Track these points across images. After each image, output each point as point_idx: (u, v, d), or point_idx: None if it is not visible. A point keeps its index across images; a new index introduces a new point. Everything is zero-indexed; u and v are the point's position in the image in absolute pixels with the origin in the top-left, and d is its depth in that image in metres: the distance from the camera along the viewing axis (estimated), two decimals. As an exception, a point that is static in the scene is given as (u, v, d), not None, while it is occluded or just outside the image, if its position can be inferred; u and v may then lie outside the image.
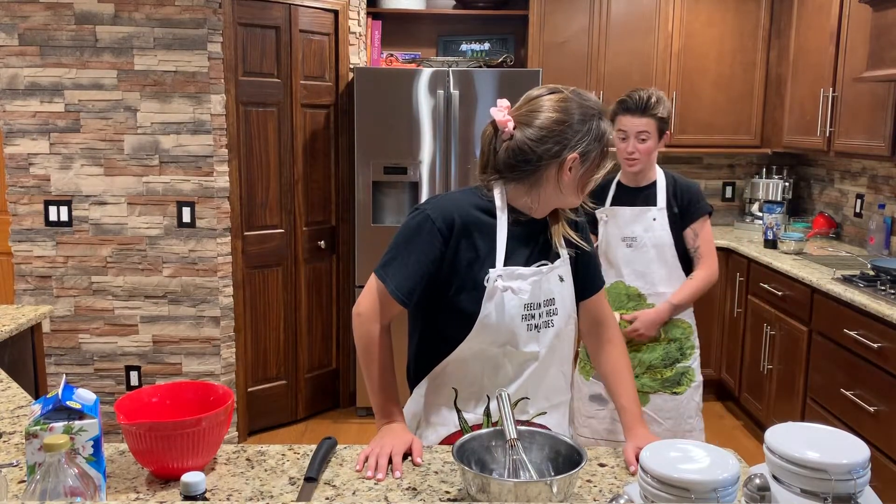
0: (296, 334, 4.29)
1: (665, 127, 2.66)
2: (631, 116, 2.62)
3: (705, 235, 2.69)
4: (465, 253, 1.60)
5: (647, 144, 2.63)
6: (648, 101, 2.61)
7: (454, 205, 1.62)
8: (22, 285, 3.82)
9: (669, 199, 2.69)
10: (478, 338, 1.60)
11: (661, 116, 2.62)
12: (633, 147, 2.63)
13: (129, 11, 3.64)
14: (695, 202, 2.68)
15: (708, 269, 2.67)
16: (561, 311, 1.66)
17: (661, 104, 2.63)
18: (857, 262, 3.74)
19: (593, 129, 1.57)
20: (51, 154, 3.73)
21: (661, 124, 2.64)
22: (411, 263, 1.59)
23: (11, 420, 1.78)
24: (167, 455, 1.42)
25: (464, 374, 1.66)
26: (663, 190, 2.70)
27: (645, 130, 2.62)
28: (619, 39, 4.61)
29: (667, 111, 2.65)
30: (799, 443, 1.22)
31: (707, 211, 2.70)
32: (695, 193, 2.71)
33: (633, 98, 2.63)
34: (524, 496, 1.28)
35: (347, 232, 4.43)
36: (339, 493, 1.43)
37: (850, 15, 3.77)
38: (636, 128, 2.62)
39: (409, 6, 4.62)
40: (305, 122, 4.19)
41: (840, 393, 3.20)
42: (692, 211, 2.68)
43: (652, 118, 2.61)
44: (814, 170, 4.89)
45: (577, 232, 1.71)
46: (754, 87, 4.70)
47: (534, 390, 1.67)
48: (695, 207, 2.68)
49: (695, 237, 2.68)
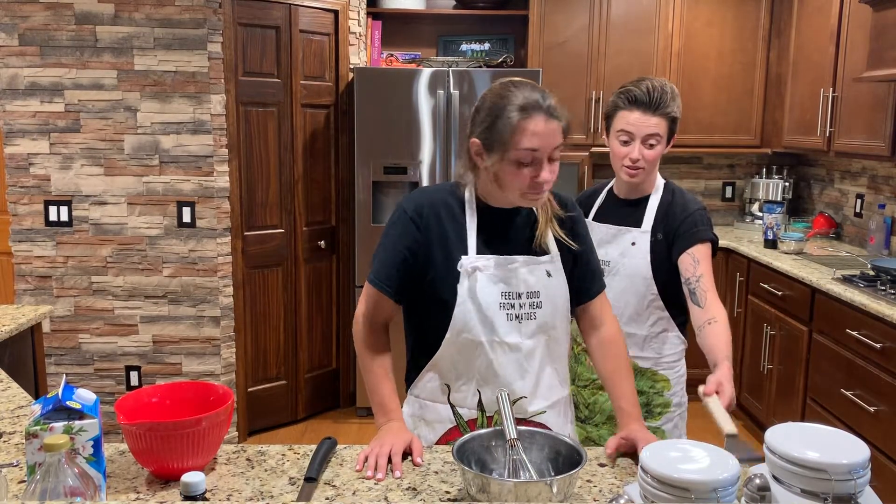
0: (296, 334, 4.29)
1: (675, 129, 2.11)
2: (640, 113, 2.03)
3: (707, 266, 2.02)
4: (437, 238, 1.67)
5: (655, 151, 2.06)
6: (663, 96, 2.04)
7: (425, 194, 1.72)
8: (22, 285, 3.82)
9: (657, 221, 2.12)
10: (459, 326, 1.64)
11: (675, 116, 2.08)
12: (640, 153, 2.05)
13: (129, 11, 3.64)
14: (691, 227, 2.06)
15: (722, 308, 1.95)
16: (547, 305, 1.67)
17: (676, 100, 2.08)
18: (857, 262, 3.74)
19: (498, 123, 1.56)
20: (51, 154, 3.73)
21: (673, 125, 2.10)
22: (388, 252, 1.69)
23: (11, 420, 1.78)
24: (167, 455, 1.42)
25: (453, 368, 1.68)
26: (653, 210, 2.13)
27: (656, 133, 2.04)
28: (619, 39, 4.61)
29: (680, 109, 2.11)
30: (799, 443, 1.22)
31: (709, 238, 2.06)
32: (695, 217, 2.07)
33: (642, 90, 2.03)
34: (524, 496, 1.28)
35: (347, 232, 4.43)
36: (339, 493, 1.43)
37: (850, 15, 3.77)
38: (645, 129, 2.03)
39: (409, 6, 4.62)
40: (305, 122, 4.19)
41: (840, 393, 3.20)
42: (687, 237, 2.05)
43: (664, 118, 2.05)
44: (814, 170, 4.89)
45: (563, 228, 1.71)
46: (754, 87, 4.70)
47: (531, 389, 1.68)
48: (690, 233, 2.05)
49: (694, 264, 2.01)
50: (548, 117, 1.56)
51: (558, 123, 1.58)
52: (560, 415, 1.74)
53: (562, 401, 1.75)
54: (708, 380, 1.70)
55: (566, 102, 2.13)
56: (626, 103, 2.05)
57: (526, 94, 1.56)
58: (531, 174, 1.58)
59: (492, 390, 1.66)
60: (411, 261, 1.67)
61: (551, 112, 1.56)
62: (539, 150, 1.56)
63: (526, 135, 1.55)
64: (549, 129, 1.56)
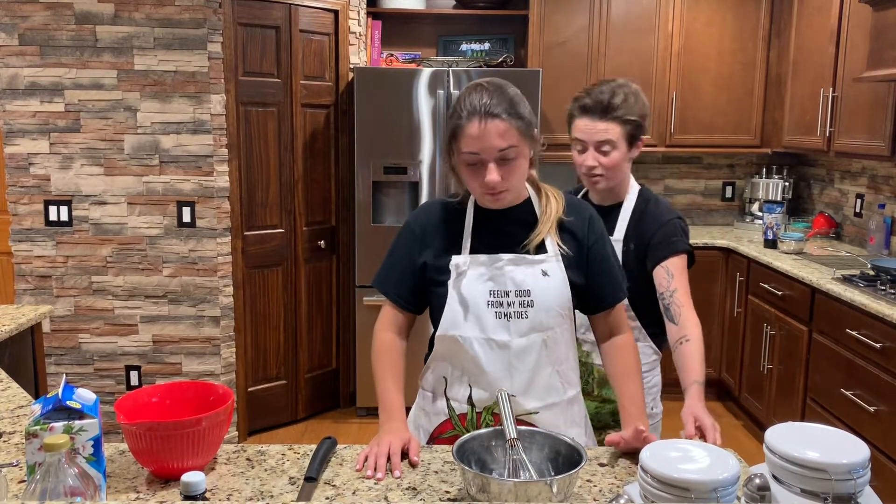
0: (296, 334, 4.29)
1: (639, 132, 2.03)
2: (589, 120, 1.99)
3: (682, 279, 1.96)
4: (433, 241, 1.73)
5: (611, 157, 1.99)
6: (613, 100, 1.97)
7: (427, 205, 1.81)
8: (22, 285, 3.82)
9: (629, 230, 2.05)
10: (447, 323, 1.68)
11: (630, 118, 1.99)
12: (595, 160, 2.00)
13: (129, 11, 3.64)
14: (665, 239, 1.99)
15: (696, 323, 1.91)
16: (539, 304, 1.66)
17: (628, 103, 1.98)
18: (857, 261, 3.74)
19: (449, 124, 1.65)
20: (51, 154, 3.73)
21: (633, 129, 2.01)
22: (393, 261, 1.78)
23: (11, 420, 1.78)
24: (167, 455, 1.42)
25: (448, 363, 1.73)
26: (626, 217, 2.07)
27: (607, 140, 1.98)
28: (619, 39, 4.61)
29: (639, 111, 2.01)
30: (799, 443, 1.22)
31: (685, 249, 2.00)
32: (668, 228, 2.00)
33: (592, 96, 1.99)
34: (524, 496, 1.28)
35: (347, 232, 4.43)
36: (339, 493, 1.43)
37: (850, 15, 3.77)
38: (596, 136, 1.99)
39: (409, 6, 4.62)
40: (305, 122, 4.19)
41: (840, 393, 3.20)
42: (660, 248, 1.99)
43: (616, 122, 1.98)
44: (814, 170, 4.89)
45: (563, 233, 1.71)
46: (754, 86, 4.70)
47: (523, 388, 1.67)
48: (664, 244, 1.99)
49: (668, 278, 1.96)
50: (484, 119, 1.56)
51: (503, 123, 1.57)
52: (559, 416, 1.71)
53: (562, 403, 1.73)
54: (683, 418, 1.67)
55: (566, 103, 2.13)
56: (577, 111, 2.02)
57: (473, 97, 1.59)
58: (481, 176, 1.60)
59: (481, 387, 1.68)
60: (417, 270, 1.73)
61: (490, 113, 1.56)
62: (479, 152, 1.58)
63: (464, 138, 1.59)
64: (486, 131, 1.56)
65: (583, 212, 1.75)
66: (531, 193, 1.74)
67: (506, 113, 1.57)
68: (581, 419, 1.79)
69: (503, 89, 1.61)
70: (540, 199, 1.73)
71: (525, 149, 1.62)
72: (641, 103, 2.02)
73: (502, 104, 1.58)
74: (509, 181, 1.62)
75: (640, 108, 2.01)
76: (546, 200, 1.72)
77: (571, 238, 1.72)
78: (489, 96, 1.58)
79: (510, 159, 1.59)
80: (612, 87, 1.99)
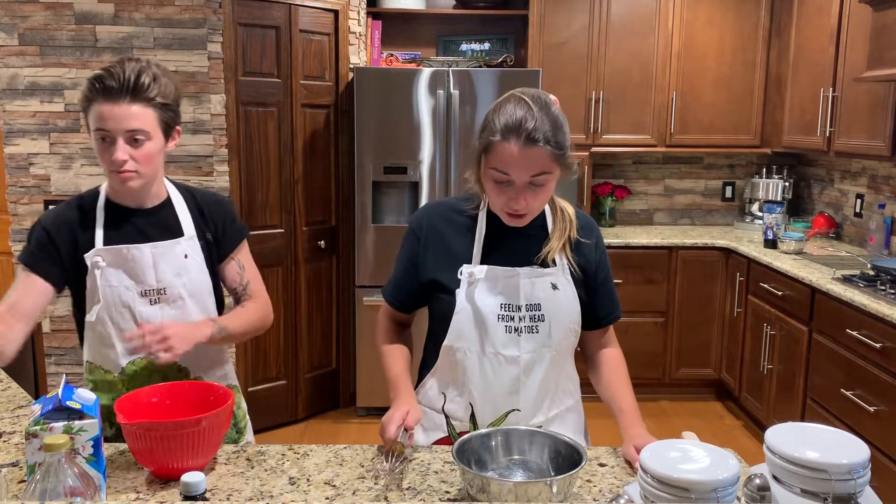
0: (296, 334, 4.29)
1: (172, 122, 1.74)
2: (111, 105, 1.63)
3: (251, 266, 1.91)
4: (437, 248, 1.68)
5: (145, 149, 1.69)
6: (139, 79, 1.63)
7: (431, 208, 1.76)
8: (22, 285, 3.81)
9: (198, 221, 1.83)
10: (455, 334, 1.64)
11: (162, 102, 1.68)
12: (126, 153, 1.67)
13: (129, 11, 3.64)
14: (230, 223, 1.87)
15: (267, 304, 1.91)
16: (550, 318, 1.64)
17: (158, 83, 1.67)
18: (857, 261, 3.74)
19: (483, 134, 1.56)
20: (51, 154, 3.73)
21: (164, 115, 1.70)
22: (397, 266, 1.76)
23: (11, 420, 1.78)
24: (167, 455, 1.42)
25: (450, 377, 1.68)
26: (185, 211, 1.84)
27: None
28: (619, 39, 4.61)
29: (170, 95, 1.70)
30: (799, 443, 1.22)
31: (245, 235, 1.92)
32: (224, 210, 1.88)
33: (113, 73, 1.64)
34: (524, 496, 1.28)
35: (347, 232, 4.43)
36: (339, 493, 1.43)
37: (850, 15, 3.77)
38: (120, 122, 1.64)
39: (409, 6, 4.62)
40: (305, 122, 4.19)
41: (840, 393, 3.20)
42: (230, 235, 1.87)
43: (147, 104, 1.65)
44: (814, 170, 4.89)
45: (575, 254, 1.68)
46: (754, 86, 4.70)
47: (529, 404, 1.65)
48: (231, 230, 1.87)
49: (241, 271, 1.88)
50: (522, 143, 1.47)
51: (542, 151, 1.48)
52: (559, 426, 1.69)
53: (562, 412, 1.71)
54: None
55: (566, 103, 2.13)
56: (98, 93, 1.64)
57: (516, 113, 1.49)
58: (507, 196, 1.54)
59: (485, 402, 1.65)
60: (413, 271, 1.72)
61: (530, 138, 1.47)
62: (510, 174, 1.51)
63: (497, 156, 1.51)
64: (522, 157, 1.48)
65: (593, 228, 1.75)
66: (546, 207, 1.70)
67: (545, 141, 1.48)
68: (580, 427, 1.79)
69: (548, 109, 1.52)
70: (554, 213, 1.70)
71: (557, 173, 1.56)
72: (168, 87, 1.70)
73: (544, 127, 1.49)
74: (535, 204, 1.56)
75: (169, 92, 1.70)
76: (560, 215, 1.70)
77: (582, 255, 1.70)
78: (532, 119, 1.48)
79: (540, 185, 1.53)
80: (139, 65, 1.66)
